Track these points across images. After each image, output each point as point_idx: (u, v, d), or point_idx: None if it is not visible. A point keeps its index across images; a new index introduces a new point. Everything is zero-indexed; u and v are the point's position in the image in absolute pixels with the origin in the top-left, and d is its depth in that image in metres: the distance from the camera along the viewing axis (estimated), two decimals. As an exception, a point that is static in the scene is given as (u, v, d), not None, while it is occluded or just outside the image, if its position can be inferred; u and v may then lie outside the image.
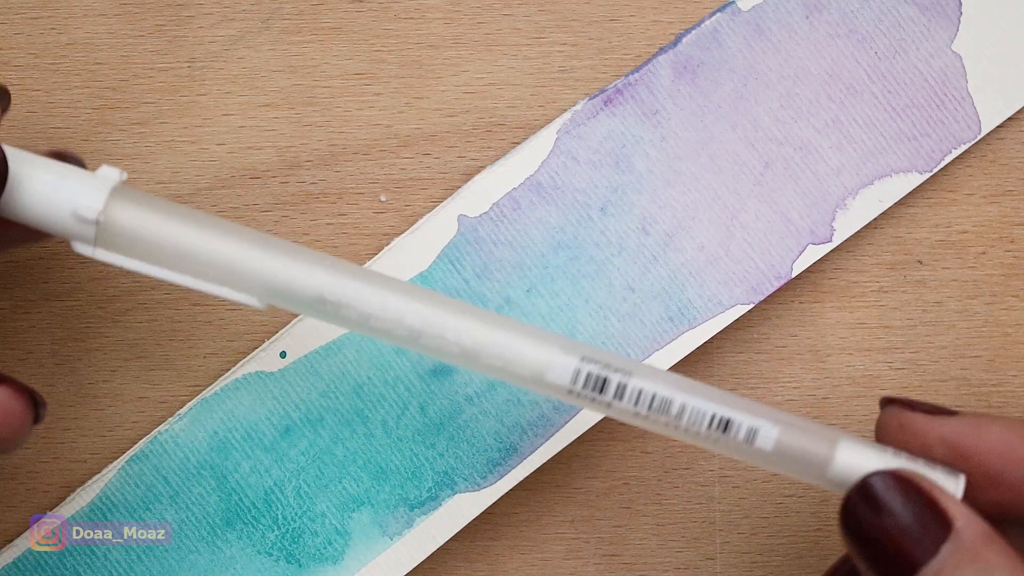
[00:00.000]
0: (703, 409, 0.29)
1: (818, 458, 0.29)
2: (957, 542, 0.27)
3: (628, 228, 0.36)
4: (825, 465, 0.29)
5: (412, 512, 0.35)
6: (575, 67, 0.36)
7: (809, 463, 0.29)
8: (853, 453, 0.29)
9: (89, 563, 0.35)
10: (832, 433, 0.30)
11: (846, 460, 0.29)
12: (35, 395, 0.30)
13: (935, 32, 0.36)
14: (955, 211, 0.37)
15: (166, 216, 0.29)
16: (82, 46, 0.36)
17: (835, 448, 0.29)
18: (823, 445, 0.29)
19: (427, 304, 0.29)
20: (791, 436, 0.29)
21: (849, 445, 0.29)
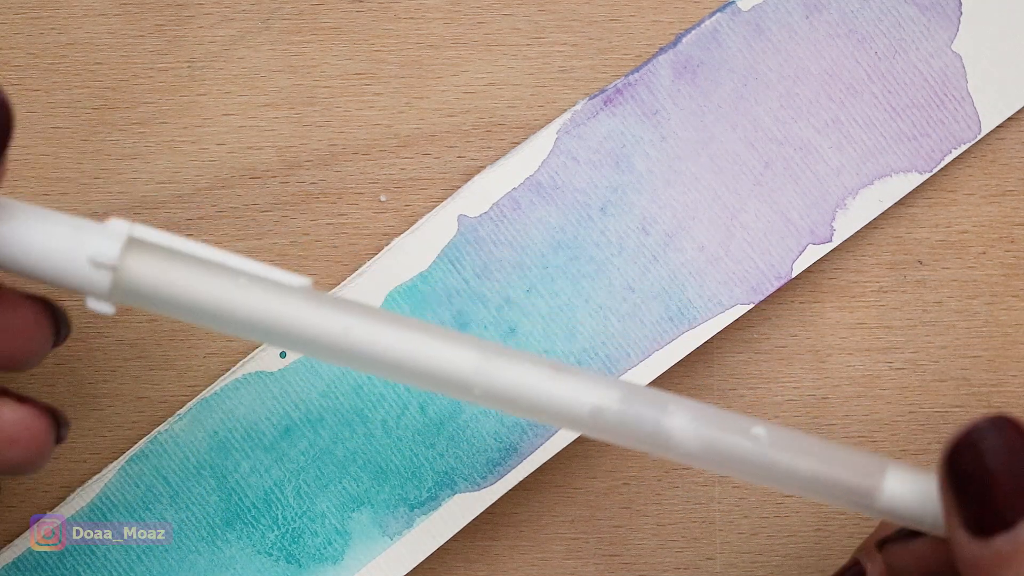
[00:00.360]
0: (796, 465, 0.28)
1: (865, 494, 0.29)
2: None
3: (628, 228, 0.36)
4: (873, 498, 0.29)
5: (412, 512, 0.35)
6: (575, 67, 0.36)
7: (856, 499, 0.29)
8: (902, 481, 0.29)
9: (89, 563, 0.35)
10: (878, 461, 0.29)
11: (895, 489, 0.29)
12: (57, 414, 0.30)
13: (935, 32, 0.36)
14: (955, 211, 0.37)
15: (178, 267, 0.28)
16: (82, 46, 0.36)
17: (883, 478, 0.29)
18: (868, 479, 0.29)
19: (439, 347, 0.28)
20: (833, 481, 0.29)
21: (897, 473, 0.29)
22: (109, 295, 0.28)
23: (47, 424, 0.29)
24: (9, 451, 0.29)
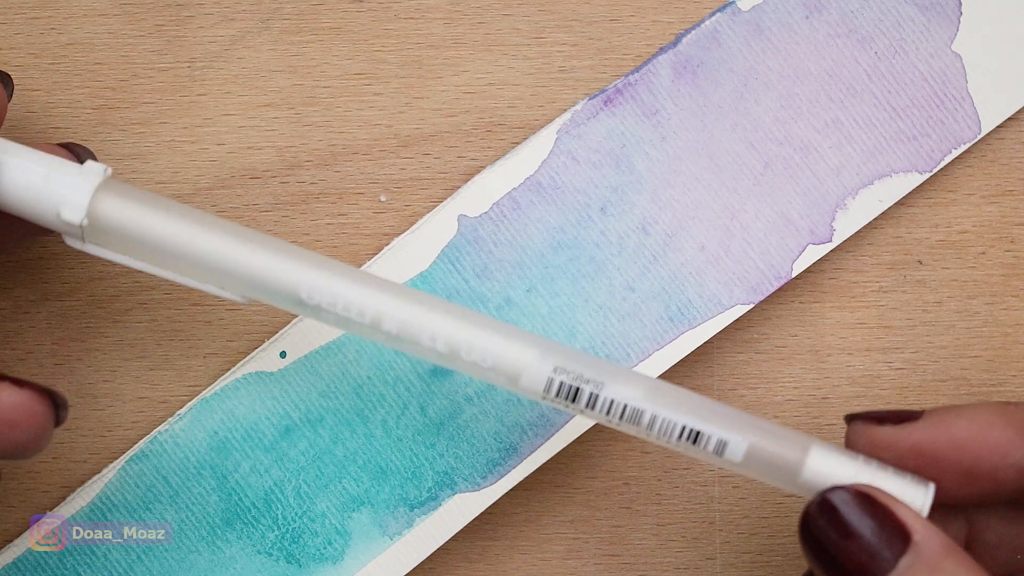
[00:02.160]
0: (673, 420, 0.30)
1: (788, 467, 0.30)
2: (916, 555, 0.28)
3: (628, 228, 0.36)
4: (796, 473, 0.30)
5: (412, 512, 0.35)
6: (575, 67, 0.36)
7: (780, 471, 0.30)
8: (824, 461, 0.30)
9: (89, 563, 0.35)
10: (804, 440, 0.30)
11: (817, 468, 0.30)
12: (56, 396, 0.30)
13: (935, 32, 0.36)
14: (955, 211, 0.37)
15: (151, 211, 0.30)
16: (82, 46, 0.36)
17: (806, 456, 0.30)
18: (794, 453, 0.30)
19: (406, 305, 0.30)
20: (761, 448, 0.30)
21: (820, 453, 0.30)
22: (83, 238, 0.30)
23: (46, 406, 0.29)
24: (9, 434, 0.29)
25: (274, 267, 0.30)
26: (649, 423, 0.30)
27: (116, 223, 0.29)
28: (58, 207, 0.29)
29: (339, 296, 0.29)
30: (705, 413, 0.30)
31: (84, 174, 0.29)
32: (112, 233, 0.30)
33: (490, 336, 0.30)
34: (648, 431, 0.30)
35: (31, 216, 0.30)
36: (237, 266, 0.30)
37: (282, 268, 0.30)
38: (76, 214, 0.29)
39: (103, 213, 0.29)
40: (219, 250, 0.30)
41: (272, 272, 0.30)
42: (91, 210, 0.29)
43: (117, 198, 0.29)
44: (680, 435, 0.30)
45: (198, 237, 0.30)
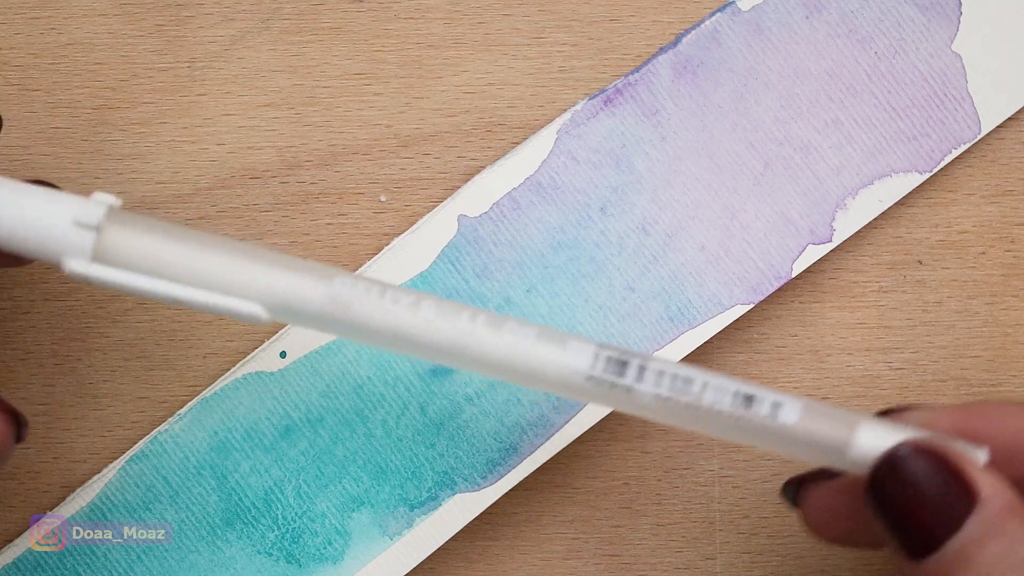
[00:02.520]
0: (725, 385, 0.29)
1: (839, 436, 0.29)
2: (982, 515, 0.27)
3: (628, 228, 0.36)
4: (846, 444, 0.29)
5: (412, 512, 0.35)
6: (575, 67, 0.36)
7: (830, 441, 0.29)
8: (875, 432, 0.29)
9: (89, 563, 0.35)
10: (853, 415, 0.29)
11: (868, 439, 0.29)
12: (17, 414, 0.30)
13: (935, 32, 0.36)
14: (955, 211, 0.37)
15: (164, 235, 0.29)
16: (82, 46, 0.36)
17: (856, 427, 0.29)
18: (844, 423, 0.29)
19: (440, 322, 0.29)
20: (814, 412, 0.29)
21: (871, 424, 0.29)
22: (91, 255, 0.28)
23: (7, 423, 0.29)
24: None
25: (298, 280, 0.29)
26: (701, 389, 0.28)
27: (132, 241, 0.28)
28: (60, 257, 0.28)
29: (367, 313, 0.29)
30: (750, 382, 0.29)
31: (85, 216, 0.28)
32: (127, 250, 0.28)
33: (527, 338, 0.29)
34: (699, 399, 0.28)
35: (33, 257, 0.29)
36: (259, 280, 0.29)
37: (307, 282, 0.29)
38: (80, 265, 0.28)
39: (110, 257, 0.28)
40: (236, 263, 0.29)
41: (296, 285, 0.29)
42: (97, 255, 0.28)
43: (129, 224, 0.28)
44: (733, 399, 0.28)
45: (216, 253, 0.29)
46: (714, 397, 0.29)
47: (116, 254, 0.28)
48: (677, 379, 0.29)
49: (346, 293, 0.29)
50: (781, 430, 0.29)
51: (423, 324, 0.29)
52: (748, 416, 0.29)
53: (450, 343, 0.29)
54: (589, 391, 0.29)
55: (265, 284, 0.29)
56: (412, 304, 0.29)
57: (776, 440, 0.29)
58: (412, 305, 0.29)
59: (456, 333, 0.29)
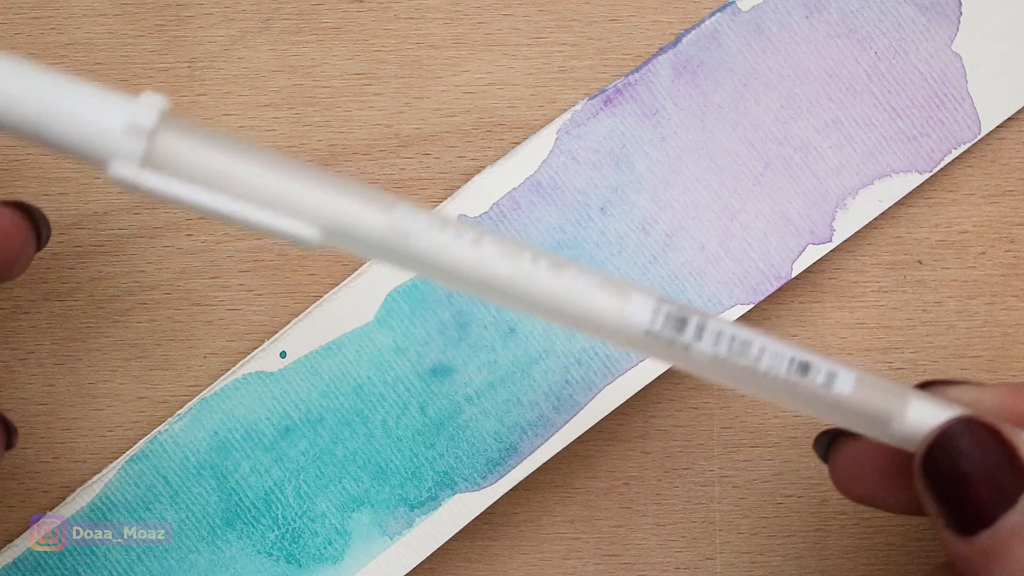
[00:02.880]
0: (782, 351, 0.28)
1: (891, 409, 0.28)
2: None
3: (628, 228, 0.36)
4: (898, 417, 0.28)
5: (412, 512, 0.35)
6: (575, 67, 0.36)
7: (882, 413, 0.28)
8: (926, 407, 0.28)
9: (89, 563, 0.35)
10: (905, 389, 0.29)
11: (919, 413, 0.28)
12: (6, 422, 0.30)
13: (935, 32, 0.36)
14: (955, 211, 0.37)
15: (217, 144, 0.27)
16: (82, 46, 0.36)
17: (907, 401, 0.28)
18: (896, 397, 0.28)
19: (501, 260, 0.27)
20: (867, 384, 0.28)
21: (922, 400, 0.29)
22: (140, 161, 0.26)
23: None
24: None
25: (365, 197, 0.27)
26: (758, 353, 0.28)
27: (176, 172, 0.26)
28: (108, 161, 0.26)
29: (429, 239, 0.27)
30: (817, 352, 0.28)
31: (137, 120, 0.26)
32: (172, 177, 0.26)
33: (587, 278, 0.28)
34: (756, 362, 0.28)
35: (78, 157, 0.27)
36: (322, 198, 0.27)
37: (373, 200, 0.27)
38: (130, 171, 0.26)
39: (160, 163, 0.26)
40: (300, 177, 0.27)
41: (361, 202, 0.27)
42: (147, 161, 0.26)
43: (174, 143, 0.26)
44: (790, 365, 0.28)
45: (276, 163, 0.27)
46: (771, 362, 0.28)
47: (167, 161, 0.26)
48: (735, 341, 0.28)
49: (407, 223, 0.27)
50: (834, 399, 0.28)
51: (483, 261, 0.27)
52: (803, 383, 0.28)
53: (510, 283, 0.28)
54: (647, 345, 0.28)
55: (324, 206, 0.27)
56: (474, 240, 0.27)
57: (828, 408, 0.28)
58: (474, 241, 0.27)
59: (516, 273, 0.28)
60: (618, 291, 0.28)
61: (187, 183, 0.26)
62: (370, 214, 0.27)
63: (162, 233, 0.36)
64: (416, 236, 0.27)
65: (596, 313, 0.28)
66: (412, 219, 0.27)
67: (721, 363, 0.28)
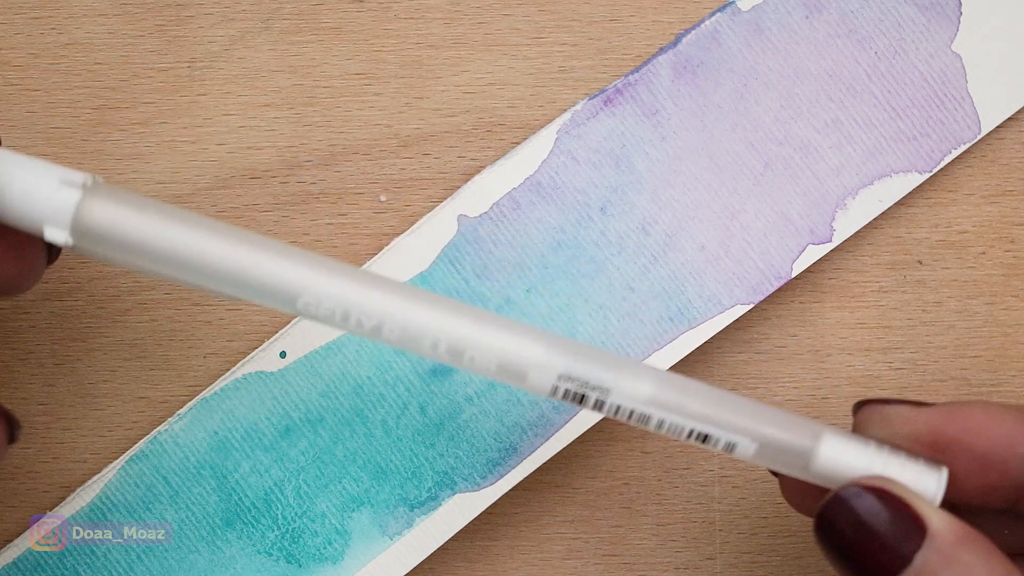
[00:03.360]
0: (681, 424, 0.29)
1: (801, 457, 0.29)
2: (932, 547, 0.27)
3: (628, 228, 0.36)
4: (808, 463, 0.29)
5: (412, 512, 0.35)
6: (575, 67, 0.36)
7: (792, 462, 0.30)
8: (836, 448, 0.29)
9: (89, 563, 0.35)
10: (816, 428, 0.30)
11: (829, 456, 0.29)
12: (9, 416, 0.30)
13: (935, 32, 0.36)
14: (955, 211, 0.37)
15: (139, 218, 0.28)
16: (82, 46, 0.36)
17: (818, 444, 0.29)
18: (806, 442, 0.29)
19: (407, 308, 0.29)
20: (772, 442, 0.29)
21: (832, 440, 0.29)
22: (72, 222, 0.28)
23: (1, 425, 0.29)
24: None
25: (268, 270, 0.29)
26: (657, 425, 0.29)
27: (104, 236, 0.28)
28: (40, 225, 0.28)
29: (337, 303, 0.29)
30: (713, 410, 0.29)
31: (64, 187, 0.28)
32: (101, 243, 0.28)
33: (494, 338, 0.29)
34: (658, 429, 0.30)
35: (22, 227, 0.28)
36: (229, 268, 0.28)
37: (276, 271, 0.29)
38: (60, 235, 0.28)
39: (89, 227, 0.28)
40: (212, 252, 0.28)
41: (267, 275, 0.29)
42: (75, 226, 0.28)
43: (102, 210, 0.28)
44: (689, 435, 0.29)
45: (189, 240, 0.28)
46: (671, 431, 0.30)
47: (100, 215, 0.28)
48: (635, 414, 0.29)
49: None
50: (740, 458, 0.30)
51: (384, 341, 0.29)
52: (705, 447, 0.30)
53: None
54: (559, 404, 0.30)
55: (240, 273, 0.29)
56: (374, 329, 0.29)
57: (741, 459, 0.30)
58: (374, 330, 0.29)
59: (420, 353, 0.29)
60: (517, 372, 0.29)
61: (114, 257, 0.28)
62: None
63: (162, 233, 0.36)
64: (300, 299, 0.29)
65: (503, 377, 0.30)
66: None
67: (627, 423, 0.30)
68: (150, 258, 0.28)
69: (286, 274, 0.29)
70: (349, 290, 0.29)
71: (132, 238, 0.28)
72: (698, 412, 0.29)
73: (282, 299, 0.29)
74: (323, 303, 0.29)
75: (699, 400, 0.29)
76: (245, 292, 0.29)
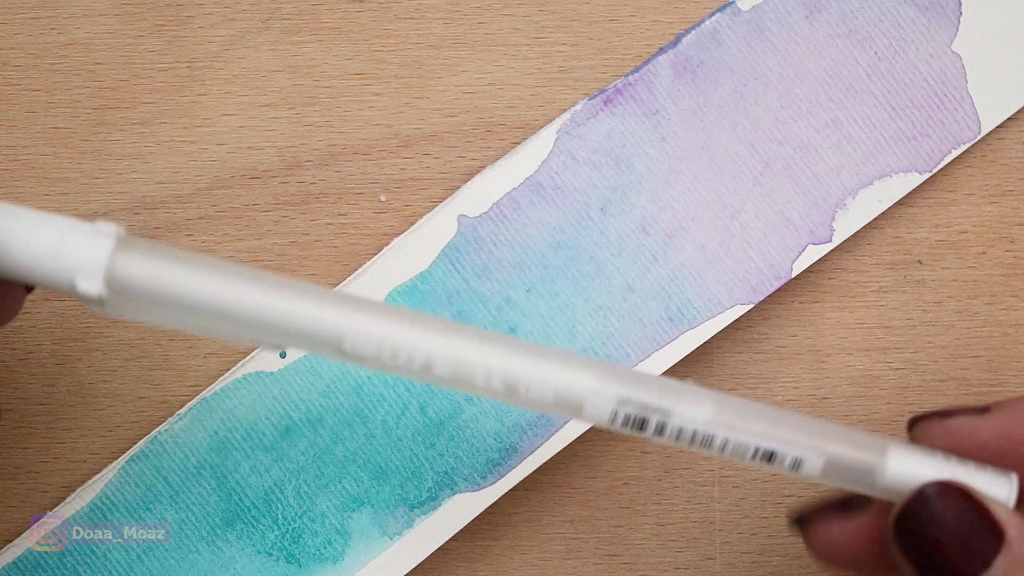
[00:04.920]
0: (746, 443, 0.29)
1: (869, 472, 0.29)
2: (1009, 554, 0.27)
3: (628, 228, 0.36)
4: (877, 476, 0.29)
5: (412, 512, 0.35)
6: (575, 67, 0.36)
7: (861, 477, 0.29)
8: (904, 461, 0.29)
9: (89, 563, 0.35)
10: (881, 442, 0.29)
11: (898, 469, 0.29)
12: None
13: (935, 32, 0.36)
14: (955, 211, 0.37)
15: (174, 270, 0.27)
16: (82, 46, 0.36)
17: (885, 458, 0.29)
18: (873, 457, 0.29)
19: (456, 345, 0.28)
20: (839, 458, 0.29)
21: (899, 453, 0.29)
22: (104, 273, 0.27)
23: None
24: None
25: (312, 315, 0.27)
26: (721, 446, 0.29)
27: (139, 289, 0.27)
28: (72, 278, 0.27)
29: (385, 342, 0.28)
30: (778, 428, 0.29)
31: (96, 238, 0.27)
32: (136, 298, 0.27)
33: (548, 368, 0.28)
34: (721, 452, 0.29)
35: (46, 287, 0.27)
36: (274, 319, 0.27)
37: (321, 316, 0.27)
38: (94, 286, 0.26)
39: (123, 279, 0.27)
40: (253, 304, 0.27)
41: (311, 321, 0.27)
42: (110, 278, 0.27)
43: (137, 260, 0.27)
44: (754, 455, 0.29)
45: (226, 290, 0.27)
46: (735, 453, 0.29)
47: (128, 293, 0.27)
48: (698, 436, 0.28)
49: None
50: (807, 477, 0.29)
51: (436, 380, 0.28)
52: (771, 467, 0.29)
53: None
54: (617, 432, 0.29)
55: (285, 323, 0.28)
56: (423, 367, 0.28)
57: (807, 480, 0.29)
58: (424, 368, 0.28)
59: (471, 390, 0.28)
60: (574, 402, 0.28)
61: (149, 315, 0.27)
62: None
63: (162, 233, 0.36)
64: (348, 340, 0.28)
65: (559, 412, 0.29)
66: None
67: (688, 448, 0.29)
68: (186, 310, 0.27)
69: (329, 319, 0.28)
70: (395, 329, 0.28)
71: (168, 290, 0.27)
72: (762, 430, 0.29)
73: (326, 344, 0.28)
74: (369, 344, 0.28)
75: (762, 418, 0.29)
76: (288, 340, 0.28)
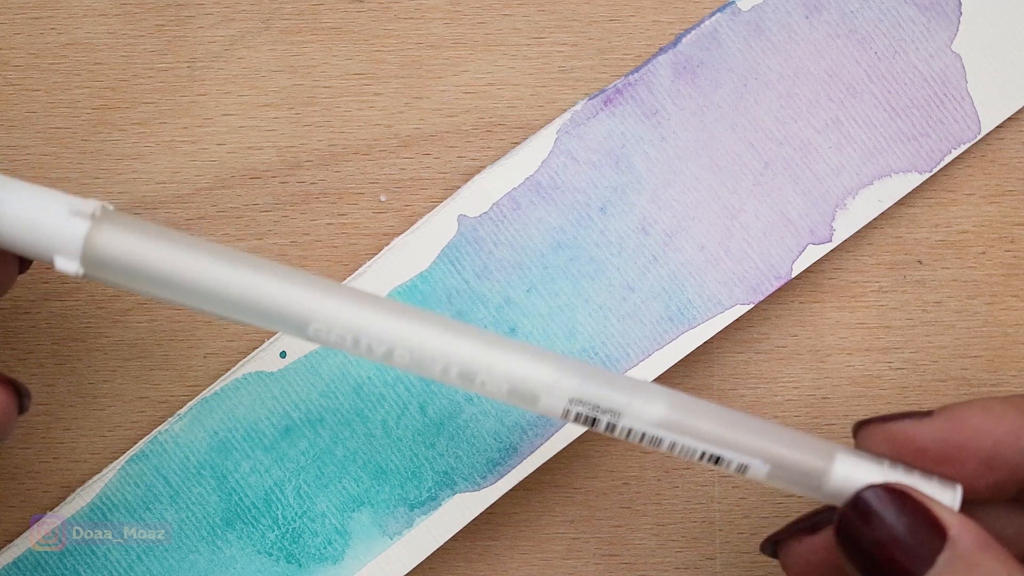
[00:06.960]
0: (693, 447, 0.29)
1: (814, 477, 0.29)
2: (953, 551, 0.27)
3: (628, 228, 0.36)
4: (821, 481, 0.29)
5: (412, 512, 0.35)
6: (575, 67, 0.36)
7: (806, 482, 0.30)
8: (849, 467, 0.29)
9: (89, 563, 0.35)
10: (828, 448, 0.30)
11: (843, 475, 0.29)
12: (18, 385, 0.30)
13: (935, 32, 0.36)
14: (955, 211, 0.37)
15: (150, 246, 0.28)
16: (82, 46, 0.36)
17: (831, 463, 0.29)
18: (819, 462, 0.29)
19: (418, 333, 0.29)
20: (784, 462, 0.29)
21: (845, 460, 0.30)
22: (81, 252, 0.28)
23: (9, 395, 0.29)
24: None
25: (278, 296, 0.29)
26: (670, 447, 0.29)
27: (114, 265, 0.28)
28: (51, 256, 0.28)
29: (347, 328, 0.29)
30: (725, 432, 0.29)
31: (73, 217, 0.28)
32: (111, 271, 0.29)
33: (504, 361, 0.29)
34: (670, 452, 0.30)
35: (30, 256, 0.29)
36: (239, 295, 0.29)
37: (286, 298, 0.29)
38: (71, 265, 0.28)
39: (99, 256, 0.28)
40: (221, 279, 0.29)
41: (279, 307, 0.29)
42: (87, 256, 0.28)
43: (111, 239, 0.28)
44: (701, 457, 0.29)
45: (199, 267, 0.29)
46: (683, 453, 0.30)
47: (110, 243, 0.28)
48: (647, 437, 0.29)
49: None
50: (752, 480, 0.30)
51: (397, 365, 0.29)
52: (718, 469, 0.30)
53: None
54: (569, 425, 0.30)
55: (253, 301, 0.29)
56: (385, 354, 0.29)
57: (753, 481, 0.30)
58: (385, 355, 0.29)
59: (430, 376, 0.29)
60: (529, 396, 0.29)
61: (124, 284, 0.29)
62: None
63: (162, 233, 0.36)
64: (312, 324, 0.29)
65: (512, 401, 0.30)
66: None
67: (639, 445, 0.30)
68: (159, 285, 0.28)
69: (295, 300, 0.29)
70: (359, 316, 0.29)
71: (142, 266, 0.28)
72: (710, 434, 0.29)
73: (292, 325, 0.29)
74: (333, 329, 0.29)
75: (711, 422, 0.29)
76: (254, 319, 0.29)
